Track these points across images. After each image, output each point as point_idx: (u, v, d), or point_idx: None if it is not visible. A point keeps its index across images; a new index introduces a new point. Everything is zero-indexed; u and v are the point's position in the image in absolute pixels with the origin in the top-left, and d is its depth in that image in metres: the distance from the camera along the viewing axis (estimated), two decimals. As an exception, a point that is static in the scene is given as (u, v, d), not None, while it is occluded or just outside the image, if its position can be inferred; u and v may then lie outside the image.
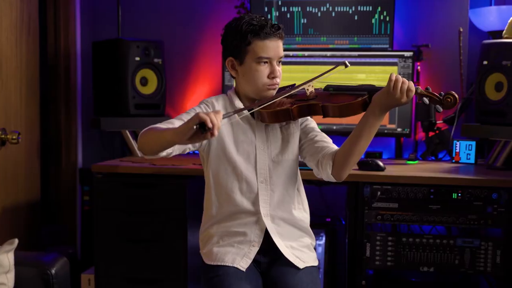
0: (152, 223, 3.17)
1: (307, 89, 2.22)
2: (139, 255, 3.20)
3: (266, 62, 2.20)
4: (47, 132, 3.89)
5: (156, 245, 3.18)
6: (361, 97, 2.12)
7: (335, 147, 2.24)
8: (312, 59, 3.51)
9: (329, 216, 3.69)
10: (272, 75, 2.21)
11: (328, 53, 3.52)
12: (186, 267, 3.15)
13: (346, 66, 2.15)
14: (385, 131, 3.47)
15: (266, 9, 3.66)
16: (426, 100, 2.07)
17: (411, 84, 2.03)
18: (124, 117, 3.55)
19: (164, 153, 2.10)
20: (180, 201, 3.14)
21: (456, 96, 2.04)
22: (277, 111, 2.20)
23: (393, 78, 2.03)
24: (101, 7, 4.02)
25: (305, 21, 3.65)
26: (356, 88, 2.20)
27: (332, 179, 2.23)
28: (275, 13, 3.66)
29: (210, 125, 1.80)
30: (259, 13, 2.76)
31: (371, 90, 2.13)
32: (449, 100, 2.05)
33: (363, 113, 2.14)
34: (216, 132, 1.82)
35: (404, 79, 2.04)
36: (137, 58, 3.54)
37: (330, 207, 3.74)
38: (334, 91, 2.23)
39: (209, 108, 2.27)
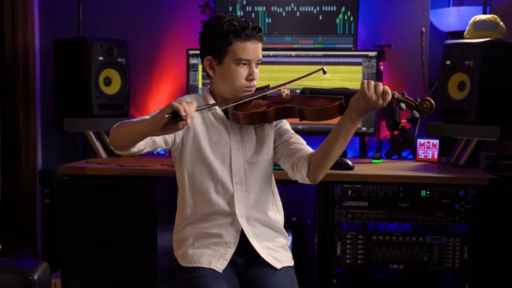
0: (121, 225, 3.12)
1: (283, 92, 2.21)
2: (107, 258, 3.14)
3: (245, 64, 2.18)
4: (5, 133, 3.79)
5: (125, 248, 3.12)
6: (338, 101, 2.12)
7: (310, 150, 2.25)
8: (277, 59, 3.52)
9: (294, 215, 3.70)
10: (250, 77, 2.20)
11: (293, 53, 3.52)
12: (156, 269, 3.11)
13: (324, 72, 2.16)
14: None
15: (230, 8, 3.64)
16: (403, 105, 2.08)
17: (387, 88, 2.04)
18: (87, 118, 3.47)
19: (135, 149, 2.07)
20: (149, 202, 3.09)
21: (433, 102, 2.05)
22: (253, 113, 2.18)
23: (366, 81, 2.04)
24: (61, 5, 3.92)
25: (270, 20, 3.66)
26: (332, 91, 2.20)
27: (307, 181, 2.23)
28: (239, 13, 3.65)
29: (183, 113, 1.77)
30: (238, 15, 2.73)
31: (348, 94, 2.13)
32: (425, 106, 2.06)
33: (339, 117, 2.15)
34: (189, 121, 1.80)
35: (380, 83, 2.04)
36: (101, 58, 3.47)
37: (296, 207, 3.75)
38: (310, 94, 2.23)
39: None
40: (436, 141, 3.52)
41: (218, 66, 2.20)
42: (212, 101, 2.25)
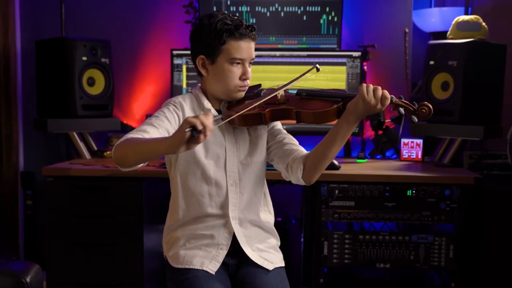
0: (107, 227, 3.10)
1: (278, 93, 2.19)
2: (93, 260, 3.12)
3: (239, 63, 2.16)
4: (-14, 134, 3.74)
5: (112, 249, 3.11)
6: (335, 104, 2.11)
7: (304, 151, 2.24)
8: (261, 59, 3.51)
9: (279, 215, 3.70)
10: (244, 76, 2.18)
11: (277, 53, 3.52)
12: (143, 270, 3.10)
13: (318, 70, 2.15)
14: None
15: (214, 8, 3.63)
16: (401, 110, 2.08)
17: (386, 92, 2.04)
18: (71, 118, 3.43)
19: (144, 164, 2.04)
20: (136, 203, 3.08)
21: (431, 106, 2.06)
22: (249, 115, 2.16)
23: (365, 84, 2.04)
24: (42, 5, 3.88)
25: (254, 21, 3.65)
26: (329, 94, 2.18)
27: (302, 183, 2.24)
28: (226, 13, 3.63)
29: (200, 127, 1.70)
30: (231, 13, 2.71)
31: (345, 97, 2.13)
32: (424, 111, 2.07)
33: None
34: (208, 134, 1.73)
35: (379, 87, 2.04)
36: (84, 58, 3.43)
37: (280, 207, 3.74)
38: (306, 96, 2.22)
39: (177, 109, 2.20)
40: (420, 141, 3.55)
41: (211, 65, 2.18)
42: (205, 101, 2.23)
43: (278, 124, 2.36)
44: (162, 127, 2.10)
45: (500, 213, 3.06)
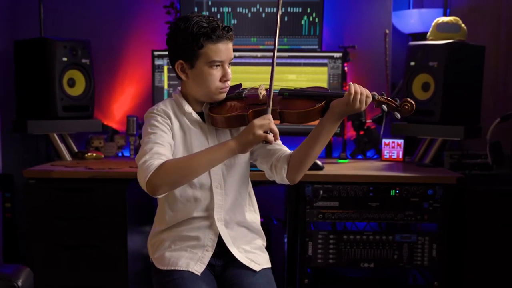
0: (91, 229, 3.08)
1: (260, 93, 2.17)
2: (77, 262, 3.10)
3: (219, 65, 2.14)
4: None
5: (95, 251, 3.09)
6: (319, 103, 2.10)
7: (288, 150, 2.24)
8: (242, 60, 3.50)
9: (261, 216, 3.68)
10: (224, 78, 2.16)
11: (259, 54, 3.52)
12: (127, 272, 3.08)
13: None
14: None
15: (196, 9, 3.62)
16: (384, 107, 2.09)
17: (368, 92, 2.05)
18: (52, 120, 3.40)
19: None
20: (119, 205, 3.06)
21: (413, 103, 2.07)
22: (232, 117, 2.14)
23: (352, 91, 2.03)
24: (20, 4, 3.82)
25: (236, 21, 3.65)
26: (312, 93, 2.17)
27: (286, 182, 2.23)
28: (205, 14, 3.62)
29: (272, 138, 2.00)
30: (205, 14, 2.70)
31: (328, 96, 2.12)
32: (406, 107, 2.08)
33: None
34: (278, 137, 2.04)
35: (362, 89, 2.05)
36: (64, 59, 3.40)
37: (261, 208, 3.73)
38: (289, 96, 2.20)
39: (164, 118, 2.16)
40: (401, 141, 3.58)
41: (190, 69, 2.15)
42: (186, 106, 2.20)
43: None
44: (166, 141, 2.10)
45: (482, 212, 3.10)
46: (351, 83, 2.06)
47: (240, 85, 2.31)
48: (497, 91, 3.77)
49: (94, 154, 3.54)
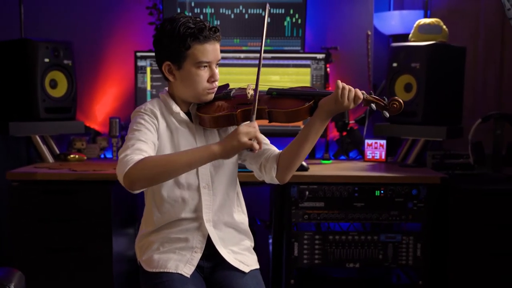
0: (76, 231, 3.06)
1: (248, 92, 2.17)
2: (62, 265, 3.07)
3: (206, 66, 2.13)
4: None
5: (81, 254, 3.07)
6: (307, 103, 2.11)
7: (276, 150, 2.25)
8: (225, 61, 3.49)
9: (246, 217, 3.69)
10: (212, 79, 2.16)
11: (242, 55, 3.52)
12: (112, 274, 3.07)
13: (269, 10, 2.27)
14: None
15: (178, 10, 3.61)
16: (373, 106, 2.09)
17: (358, 91, 2.06)
18: (34, 122, 3.36)
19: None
20: (104, 207, 3.05)
21: (401, 101, 2.08)
22: (220, 116, 2.14)
23: (340, 86, 2.05)
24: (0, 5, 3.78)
25: (218, 22, 3.65)
26: (300, 92, 2.19)
27: (276, 182, 2.24)
28: (188, 14, 3.61)
29: (257, 146, 2.00)
30: (192, 15, 2.70)
31: (317, 95, 2.13)
32: (395, 105, 2.08)
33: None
34: (262, 147, 2.06)
35: (350, 86, 2.06)
36: (46, 60, 3.36)
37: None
38: (277, 95, 2.21)
39: (151, 117, 2.16)
40: (384, 142, 3.60)
41: (177, 71, 2.14)
42: (174, 106, 2.19)
43: None
44: (149, 140, 2.09)
45: (465, 211, 3.13)
46: (338, 80, 2.08)
47: (227, 85, 2.31)
48: (476, 92, 3.82)
49: (77, 156, 3.51)
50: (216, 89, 2.20)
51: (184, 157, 2.00)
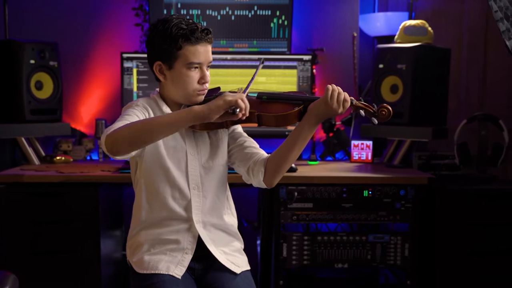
0: (63, 233, 3.03)
1: None
2: (50, 267, 3.05)
3: (197, 67, 2.14)
4: None
5: (69, 256, 3.04)
6: (297, 107, 2.12)
7: (265, 154, 2.25)
8: (212, 63, 3.47)
9: (232, 218, 3.69)
10: (202, 80, 2.16)
11: (228, 56, 3.53)
12: (100, 276, 3.05)
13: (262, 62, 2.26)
14: (286, 133, 3.52)
15: (165, 11, 3.61)
16: (362, 112, 2.11)
17: (346, 95, 2.08)
18: (19, 123, 3.33)
19: (133, 153, 2.03)
20: (92, 209, 3.02)
21: (390, 108, 2.10)
22: None
23: (331, 88, 2.06)
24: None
25: (205, 24, 3.63)
26: (290, 97, 2.20)
27: (263, 186, 2.24)
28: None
29: (242, 105, 1.94)
30: (184, 16, 2.69)
31: (306, 99, 2.15)
32: (384, 112, 2.11)
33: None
34: (247, 114, 1.99)
35: (340, 89, 2.08)
36: (32, 61, 3.33)
37: (231, 210, 3.74)
38: (267, 99, 2.21)
39: (144, 109, 2.16)
40: (370, 143, 3.62)
41: (168, 71, 2.15)
42: (164, 107, 2.20)
43: (238, 127, 2.35)
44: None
45: (451, 211, 3.17)
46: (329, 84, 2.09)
47: (218, 88, 2.31)
48: (459, 93, 3.86)
49: (63, 158, 3.48)
50: (206, 91, 2.21)
51: (166, 117, 1.98)
